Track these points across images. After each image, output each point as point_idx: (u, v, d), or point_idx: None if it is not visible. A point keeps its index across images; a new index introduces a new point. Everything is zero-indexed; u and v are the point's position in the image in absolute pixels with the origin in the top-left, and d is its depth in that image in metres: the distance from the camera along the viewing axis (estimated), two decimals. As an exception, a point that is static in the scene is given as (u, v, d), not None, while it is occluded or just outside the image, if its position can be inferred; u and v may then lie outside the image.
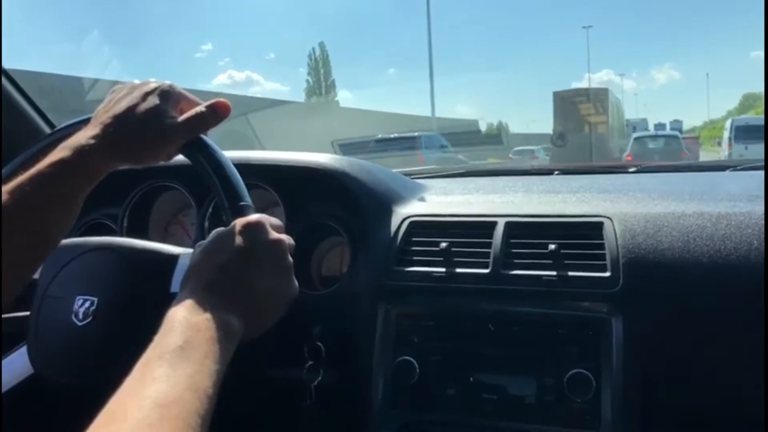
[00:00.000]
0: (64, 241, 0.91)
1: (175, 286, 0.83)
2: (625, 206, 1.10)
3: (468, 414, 0.99)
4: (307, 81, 49.76)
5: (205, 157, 0.81)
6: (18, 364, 0.88)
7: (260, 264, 0.71)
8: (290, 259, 0.75)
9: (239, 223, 0.73)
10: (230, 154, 0.89)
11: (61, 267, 0.89)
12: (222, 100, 0.80)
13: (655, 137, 16.69)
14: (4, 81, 1.33)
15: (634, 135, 16.30)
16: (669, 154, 14.74)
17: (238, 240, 0.71)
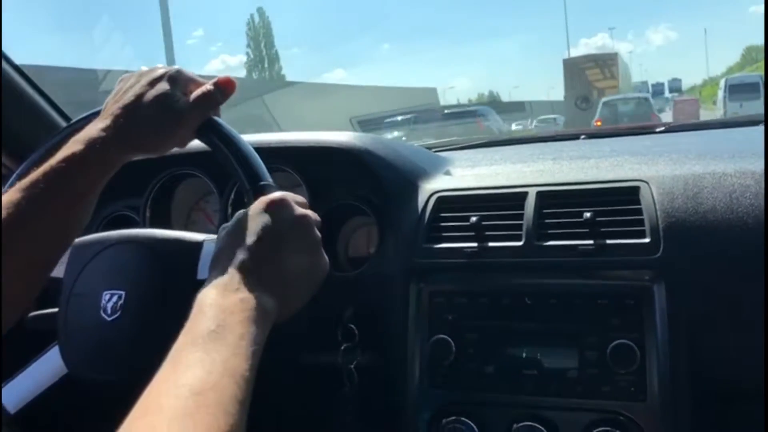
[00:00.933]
0: (86, 238, 0.90)
1: (202, 272, 0.81)
2: (661, 168, 1.05)
3: (508, 391, 0.96)
4: (247, 54, 44.67)
5: (220, 139, 0.79)
6: (52, 364, 0.88)
7: (288, 241, 0.69)
8: (318, 233, 0.73)
9: (262, 201, 0.71)
10: (249, 138, 0.86)
11: (85, 264, 0.88)
12: (226, 76, 0.80)
13: (624, 100, 16.19)
14: (17, 77, 1.31)
15: (603, 99, 15.90)
16: (638, 117, 14.29)
17: (263, 219, 0.69)
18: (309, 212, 0.73)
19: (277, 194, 0.72)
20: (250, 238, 0.67)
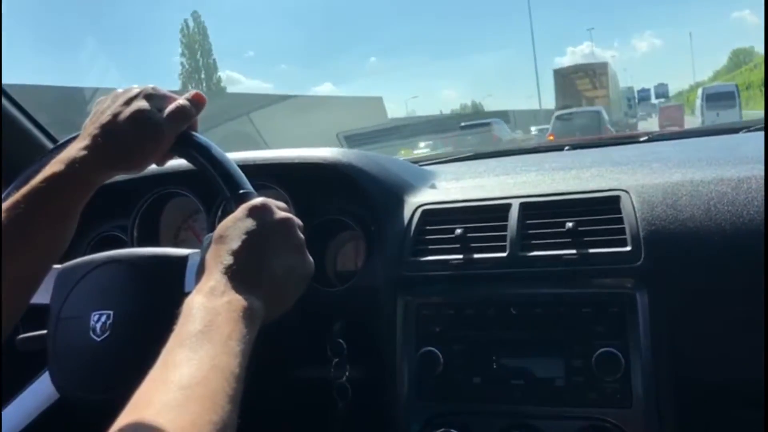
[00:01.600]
0: (71, 262, 0.90)
1: (188, 285, 0.82)
2: (641, 178, 1.07)
3: (496, 401, 0.97)
4: (182, 63, 40.17)
5: (198, 152, 0.81)
6: (43, 389, 0.88)
7: (272, 244, 0.71)
8: (301, 235, 0.75)
9: (244, 207, 0.73)
10: (234, 156, 0.88)
11: (72, 287, 0.88)
12: (198, 92, 0.83)
13: (577, 114, 15.90)
14: (2, 99, 1.32)
15: (556, 114, 15.76)
16: (591, 130, 14.09)
17: (247, 223, 0.71)
18: (291, 215, 0.75)
19: (258, 200, 0.74)
20: (235, 243, 0.69)
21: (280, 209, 0.75)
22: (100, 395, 0.84)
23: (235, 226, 0.71)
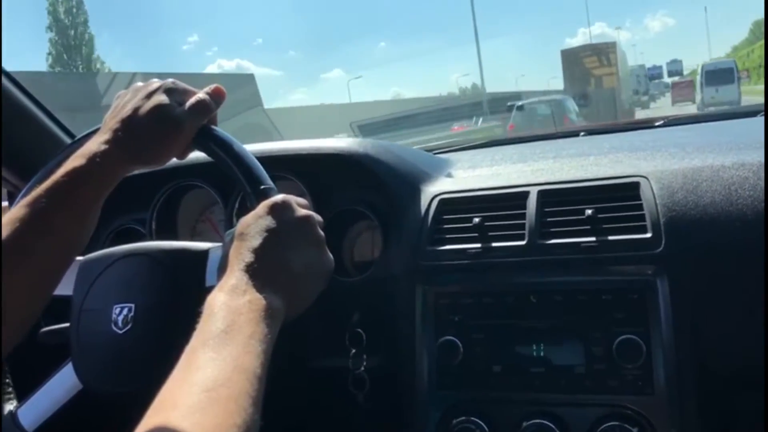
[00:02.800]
0: (92, 255, 0.91)
1: (209, 280, 0.83)
2: (660, 163, 1.06)
3: (516, 389, 0.97)
4: (50, 40, 31.57)
5: (218, 146, 0.82)
6: (66, 380, 0.89)
7: (292, 241, 0.71)
8: (321, 233, 0.75)
9: (265, 205, 0.73)
10: (249, 147, 0.88)
11: (93, 280, 0.89)
12: (218, 85, 0.83)
13: (538, 103, 15.43)
14: (19, 94, 1.32)
15: (518, 103, 15.22)
16: (551, 120, 13.35)
17: (267, 221, 0.71)
18: (311, 213, 0.75)
19: (279, 197, 0.75)
20: (256, 241, 0.69)
21: (300, 206, 0.75)
22: (122, 387, 0.85)
23: (257, 223, 0.71)
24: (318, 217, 0.76)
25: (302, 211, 0.74)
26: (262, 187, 0.78)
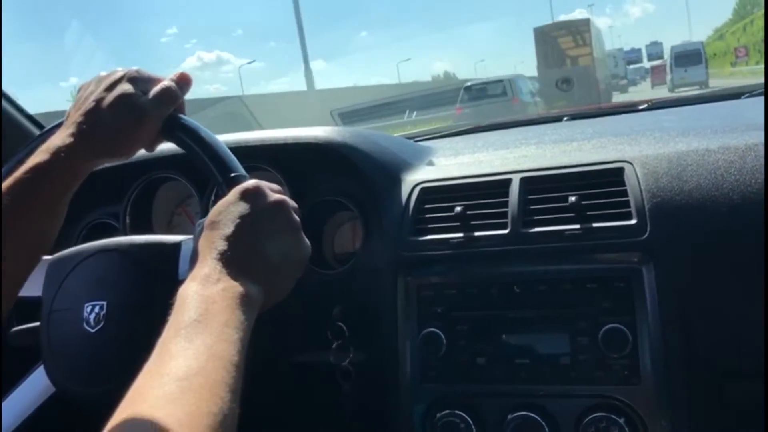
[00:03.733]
0: (61, 253, 0.88)
1: (182, 273, 0.80)
2: (644, 148, 1.04)
3: (501, 381, 0.95)
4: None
5: (187, 135, 0.79)
6: (38, 384, 0.86)
7: (266, 227, 0.69)
8: (296, 218, 0.73)
9: (236, 191, 0.71)
10: (225, 137, 0.85)
11: (63, 279, 0.86)
12: (184, 72, 0.80)
13: (486, 84, 14.97)
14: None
15: (465, 86, 14.76)
16: (500, 103, 13.18)
17: (240, 207, 0.68)
18: (285, 197, 0.73)
19: (251, 182, 0.72)
20: (228, 228, 0.66)
21: (273, 191, 0.73)
22: (96, 388, 0.82)
23: (228, 210, 0.68)
24: (292, 203, 0.74)
25: (275, 196, 0.72)
26: (233, 174, 0.76)
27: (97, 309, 0.82)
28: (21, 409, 0.88)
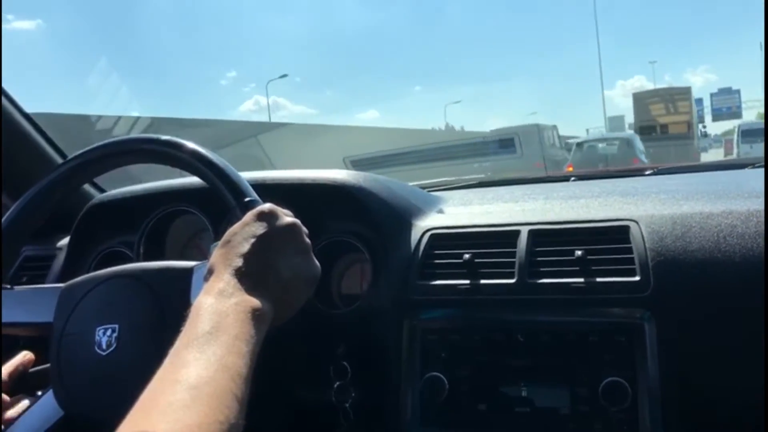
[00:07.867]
0: (74, 280, 0.89)
1: (194, 298, 0.81)
2: (650, 208, 1.07)
3: (501, 429, 0.96)
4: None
5: (203, 163, 0.83)
6: (46, 408, 0.85)
7: (280, 246, 0.72)
8: (308, 240, 0.76)
9: (251, 213, 0.74)
10: (244, 175, 0.88)
11: (76, 304, 0.87)
12: None
13: (604, 141, 14.79)
14: (11, 109, 1.32)
15: (577, 141, 14.80)
16: (619, 161, 12.83)
17: (255, 227, 0.72)
18: (297, 220, 0.76)
19: (266, 205, 0.76)
20: (243, 246, 0.70)
21: (286, 215, 0.77)
22: (105, 411, 0.82)
23: (243, 230, 0.72)
24: (304, 228, 0.77)
25: (289, 219, 0.75)
26: (247, 199, 0.80)
27: (109, 332, 0.82)
28: None
